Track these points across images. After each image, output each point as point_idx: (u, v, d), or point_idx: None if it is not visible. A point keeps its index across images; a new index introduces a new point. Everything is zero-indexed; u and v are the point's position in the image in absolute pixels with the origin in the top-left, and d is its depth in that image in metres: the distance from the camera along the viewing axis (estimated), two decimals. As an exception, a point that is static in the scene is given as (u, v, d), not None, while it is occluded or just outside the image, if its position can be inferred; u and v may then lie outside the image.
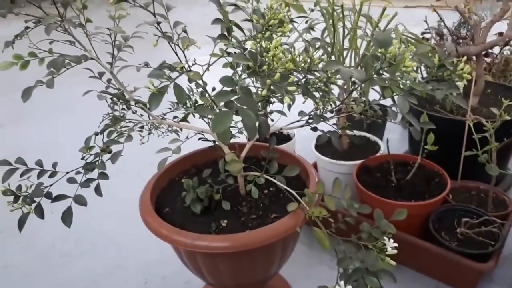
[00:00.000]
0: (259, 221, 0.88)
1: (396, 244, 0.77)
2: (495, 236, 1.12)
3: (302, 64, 0.63)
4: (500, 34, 1.76)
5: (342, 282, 0.73)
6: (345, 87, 1.19)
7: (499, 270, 1.21)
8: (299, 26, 1.09)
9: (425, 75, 1.42)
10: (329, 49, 1.24)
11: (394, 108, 0.77)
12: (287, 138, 1.60)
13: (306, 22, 1.18)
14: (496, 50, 1.85)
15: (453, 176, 1.29)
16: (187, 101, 0.99)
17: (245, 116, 0.53)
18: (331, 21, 1.21)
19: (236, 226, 0.87)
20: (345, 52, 1.32)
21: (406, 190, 1.24)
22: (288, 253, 0.95)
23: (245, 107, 0.54)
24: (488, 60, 1.88)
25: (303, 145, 1.61)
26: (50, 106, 2.63)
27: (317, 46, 1.24)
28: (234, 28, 0.67)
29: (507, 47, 1.87)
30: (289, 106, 0.90)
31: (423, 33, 1.95)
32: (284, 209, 0.86)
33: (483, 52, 1.42)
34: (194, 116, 1.02)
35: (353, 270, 0.75)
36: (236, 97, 0.54)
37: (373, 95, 1.09)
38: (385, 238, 0.79)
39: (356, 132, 1.51)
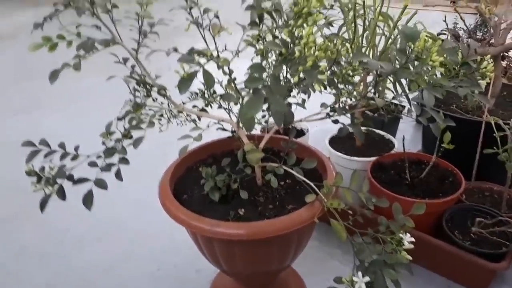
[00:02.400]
0: (276, 211, 0.88)
1: (413, 239, 0.77)
2: (509, 236, 1.12)
3: (330, 54, 0.63)
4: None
5: (359, 273, 0.73)
6: (363, 81, 1.20)
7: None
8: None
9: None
10: (348, 45, 1.24)
11: (415, 103, 0.78)
12: (301, 133, 1.60)
13: (325, 18, 1.18)
14: (512, 53, 1.85)
15: (467, 176, 1.29)
16: (207, 91, 1.00)
17: (274, 103, 0.54)
18: (350, 17, 1.21)
19: (254, 215, 0.87)
20: (363, 50, 1.33)
21: (420, 188, 1.24)
22: (303, 245, 0.96)
23: (274, 92, 0.54)
24: (504, 63, 1.87)
25: (315, 140, 1.62)
26: (64, 95, 2.65)
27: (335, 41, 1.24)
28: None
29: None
30: (303, 101, 0.90)
31: (439, 34, 1.95)
32: (300, 200, 0.86)
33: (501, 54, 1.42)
34: (211, 107, 1.03)
35: (370, 262, 0.76)
36: (265, 85, 0.55)
37: (389, 95, 1.09)
38: (402, 232, 0.79)
39: (371, 129, 1.51)
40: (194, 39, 0.77)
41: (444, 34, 1.93)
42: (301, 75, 0.54)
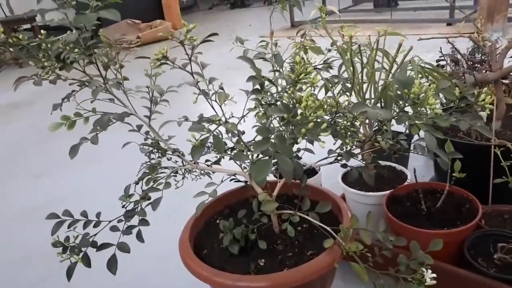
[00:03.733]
0: (296, 259, 0.90)
1: (434, 275, 0.78)
2: (534, 260, 1.11)
3: (330, 108, 0.67)
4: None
5: (384, 316, 0.74)
6: (367, 121, 1.23)
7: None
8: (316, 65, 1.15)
9: (443, 100, 1.44)
10: (348, 84, 1.28)
11: (420, 142, 0.80)
12: (313, 171, 1.63)
13: (324, 62, 1.24)
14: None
15: (483, 201, 1.29)
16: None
17: (282, 162, 0.57)
18: (348, 58, 1.26)
19: (274, 265, 0.89)
20: (364, 86, 1.37)
21: (437, 218, 1.24)
22: (327, 287, 0.97)
23: (280, 153, 0.58)
24: (506, 81, 1.89)
25: (328, 176, 1.63)
26: (85, 156, 2.71)
27: (335, 81, 1.29)
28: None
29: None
30: (312, 142, 0.94)
31: (438, 60, 1.98)
32: (319, 245, 0.88)
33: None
34: (224, 158, 1.07)
35: (394, 303, 0.76)
36: (272, 144, 0.58)
37: (396, 126, 1.12)
38: (423, 269, 0.80)
39: (382, 163, 1.53)
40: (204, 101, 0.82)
41: (443, 60, 1.96)
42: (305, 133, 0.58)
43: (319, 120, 0.62)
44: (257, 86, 0.67)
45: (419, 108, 0.70)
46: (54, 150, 2.86)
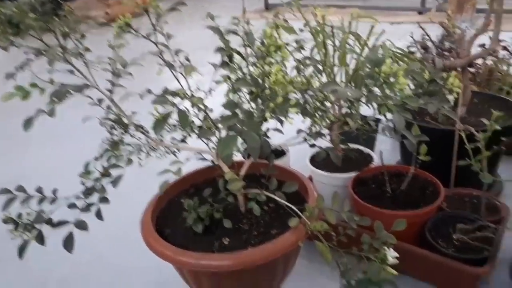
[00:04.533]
0: (261, 238, 0.89)
1: (396, 254, 0.79)
2: (490, 240, 1.15)
3: (300, 85, 0.65)
4: (483, 45, 1.82)
5: (347, 294, 0.74)
6: (337, 102, 1.22)
7: (496, 273, 1.23)
8: (288, 45, 1.13)
9: (412, 86, 1.46)
10: (320, 66, 1.27)
11: (388, 123, 0.80)
12: (281, 153, 1.62)
13: (297, 42, 1.22)
14: (480, 60, 1.91)
15: (446, 184, 1.32)
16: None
17: (249, 139, 0.55)
18: (320, 39, 1.24)
19: (239, 244, 0.88)
20: (335, 69, 1.36)
21: (401, 200, 1.26)
22: (290, 267, 0.97)
23: (248, 129, 0.56)
24: (472, 70, 1.93)
25: (297, 158, 1.63)
26: (43, 133, 2.61)
27: (307, 63, 1.27)
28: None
29: (490, 58, 1.92)
30: (282, 122, 0.92)
31: (409, 47, 2.00)
32: (284, 224, 0.87)
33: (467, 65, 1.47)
34: (191, 136, 1.04)
35: (357, 281, 0.77)
36: (239, 120, 0.56)
37: (365, 108, 1.12)
38: (386, 248, 0.81)
39: (350, 145, 1.54)
40: (168, 73, 0.78)
41: (414, 46, 1.98)
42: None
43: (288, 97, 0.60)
44: (226, 59, 0.64)
45: (389, 89, 0.70)
46: (11, 127, 2.72)
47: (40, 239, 0.83)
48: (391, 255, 0.79)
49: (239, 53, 0.63)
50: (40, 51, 0.72)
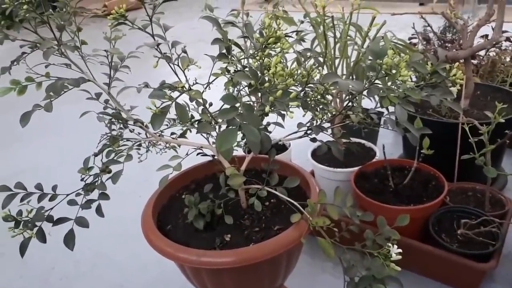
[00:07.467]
0: (262, 234, 0.88)
1: (400, 250, 0.77)
2: (495, 235, 1.14)
3: (300, 78, 0.64)
4: (485, 36, 1.80)
5: (350, 291, 0.73)
6: (338, 95, 1.21)
7: (501, 269, 1.22)
8: (288, 37, 1.11)
9: (414, 79, 1.44)
10: (321, 58, 1.25)
11: (390, 116, 0.79)
12: (283, 148, 1.61)
13: (297, 34, 1.20)
14: (482, 52, 1.89)
15: (449, 178, 1.31)
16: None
17: (249, 133, 0.54)
18: (321, 31, 1.22)
19: (240, 240, 0.87)
20: (336, 61, 1.34)
21: (404, 194, 1.25)
22: (293, 264, 0.96)
23: (247, 123, 0.54)
24: (475, 62, 1.91)
25: (298, 153, 1.62)
26: (42, 127, 2.60)
27: (308, 55, 1.25)
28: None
29: (493, 49, 1.90)
30: (283, 116, 0.91)
31: (410, 38, 1.98)
32: (286, 220, 0.86)
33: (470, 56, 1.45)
34: (191, 131, 1.02)
35: (360, 278, 0.76)
36: (239, 114, 0.55)
37: (367, 102, 1.11)
38: (389, 244, 0.79)
39: (352, 139, 1.52)
40: (167, 67, 0.77)
41: (415, 38, 1.96)
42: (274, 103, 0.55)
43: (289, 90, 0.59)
44: (224, 51, 0.63)
45: (391, 81, 0.68)
46: (9, 122, 2.72)
47: (42, 236, 0.82)
48: (395, 251, 0.78)
49: (237, 44, 0.62)
50: (36, 44, 0.71)
